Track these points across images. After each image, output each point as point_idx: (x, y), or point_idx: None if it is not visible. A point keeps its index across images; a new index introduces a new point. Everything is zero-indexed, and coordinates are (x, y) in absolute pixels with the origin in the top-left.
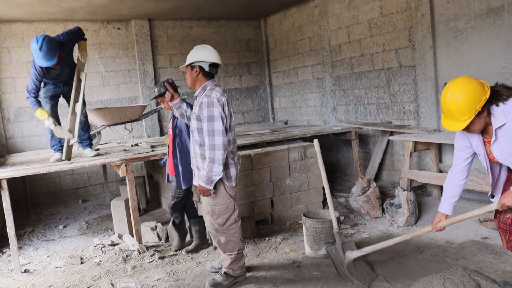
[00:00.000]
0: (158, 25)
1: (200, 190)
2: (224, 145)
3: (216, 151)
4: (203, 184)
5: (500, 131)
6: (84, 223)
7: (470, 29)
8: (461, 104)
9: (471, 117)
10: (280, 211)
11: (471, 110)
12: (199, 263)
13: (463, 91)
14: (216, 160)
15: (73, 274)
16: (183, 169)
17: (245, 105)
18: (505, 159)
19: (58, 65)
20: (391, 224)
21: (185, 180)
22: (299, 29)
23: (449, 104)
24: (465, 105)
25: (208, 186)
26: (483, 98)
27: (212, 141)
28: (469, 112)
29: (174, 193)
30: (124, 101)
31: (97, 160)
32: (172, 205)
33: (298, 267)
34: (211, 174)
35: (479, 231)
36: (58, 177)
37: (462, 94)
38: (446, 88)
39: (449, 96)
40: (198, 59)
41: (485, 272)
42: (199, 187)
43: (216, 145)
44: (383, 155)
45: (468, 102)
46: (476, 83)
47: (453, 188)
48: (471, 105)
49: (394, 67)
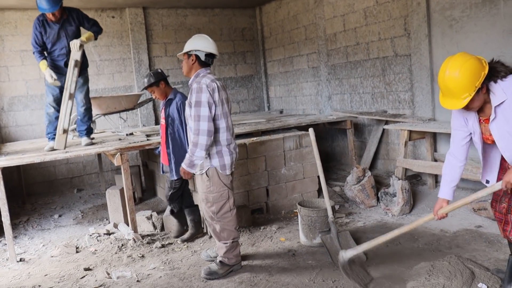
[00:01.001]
0: (152, 13)
1: (182, 172)
2: (209, 131)
3: (199, 136)
4: (185, 167)
5: (499, 109)
6: (79, 212)
7: (466, 18)
8: (460, 81)
9: (471, 94)
10: (276, 200)
11: (471, 87)
12: (195, 252)
13: (462, 68)
14: (199, 145)
15: (68, 263)
16: (176, 159)
17: (240, 94)
18: (504, 138)
19: (57, 25)
20: (386, 213)
21: (177, 170)
22: (295, 18)
23: (448, 82)
24: (465, 82)
25: (189, 169)
26: (482, 74)
27: (197, 126)
28: (469, 89)
29: (170, 184)
30: (119, 90)
31: (92, 149)
32: (169, 195)
33: (293, 256)
34: (192, 158)
35: (473, 219)
36: (53, 166)
37: (461, 71)
38: (444, 66)
39: (447, 74)
40: (195, 47)
41: (479, 260)
42: (181, 169)
43: (200, 130)
44: (378, 144)
45: (467, 79)
46: (474, 59)
47: (452, 171)
48: (471, 82)
49: (389, 56)
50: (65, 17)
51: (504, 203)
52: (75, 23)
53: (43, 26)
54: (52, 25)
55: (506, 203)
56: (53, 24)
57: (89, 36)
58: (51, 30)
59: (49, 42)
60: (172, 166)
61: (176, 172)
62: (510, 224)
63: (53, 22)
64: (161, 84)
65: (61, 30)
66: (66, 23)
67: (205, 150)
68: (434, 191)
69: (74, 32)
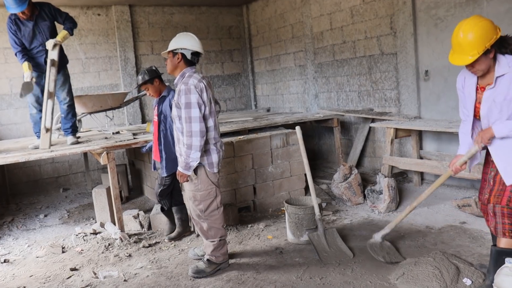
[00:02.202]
0: (139, 11)
1: (179, 175)
2: (201, 131)
3: (193, 138)
4: (181, 170)
5: (499, 80)
6: (65, 212)
7: (450, 17)
8: (472, 38)
9: (479, 52)
10: (263, 198)
11: (481, 45)
12: (182, 251)
13: (476, 26)
14: (193, 146)
15: (54, 263)
16: (167, 156)
17: (227, 92)
18: (489, 107)
19: (31, 22)
20: (373, 210)
21: (168, 167)
22: (281, 16)
23: (460, 38)
24: (476, 39)
25: (186, 172)
26: (494, 37)
27: (189, 128)
28: (478, 47)
29: (160, 180)
30: (105, 89)
31: (77, 148)
32: (159, 192)
33: (281, 254)
34: (188, 160)
35: (457, 216)
36: (38, 165)
37: (475, 29)
38: (459, 24)
39: (461, 30)
40: (181, 46)
41: (463, 256)
42: (178, 173)
43: (193, 131)
44: (364, 142)
45: (479, 37)
46: (489, 22)
47: (466, 127)
48: (481, 40)
49: (375, 55)
50: (37, 13)
51: (487, 194)
52: (48, 18)
53: (16, 24)
54: (26, 22)
55: (488, 194)
56: (27, 22)
57: (64, 35)
58: (25, 28)
59: (26, 40)
60: (163, 163)
61: (167, 169)
62: (489, 214)
63: (25, 20)
64: (155, 82)
65: (36, 27)
66: (39, 19)
67: (200, 151)
68: (420, 188)
69: (49, 27)
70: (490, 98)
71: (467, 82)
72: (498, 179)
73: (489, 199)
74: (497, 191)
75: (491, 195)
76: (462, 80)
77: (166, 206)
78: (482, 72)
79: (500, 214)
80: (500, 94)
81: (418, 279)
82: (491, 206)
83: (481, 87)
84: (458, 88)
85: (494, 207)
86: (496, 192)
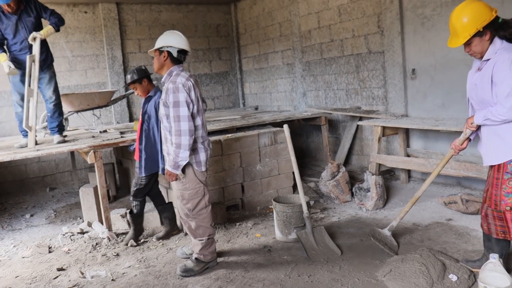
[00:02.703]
0: (126, 9)
1: (168, 174)
2: (190, 130)
3: (182, 137)
4: (170, 169)
5: (485, 64)
6: (52, 212)
7: (437, 16)
8: (464, 21)
9: (470, 34)
10: (251, 197)
11: (472, 27)
12: (170, 250)
13: (467, 8)
14: (182, 145)
15: (41, 263)
16: (147, 156)
17: (215, 90)
18: (471, 89)
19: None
20: (360, 208)
21: (147, 167)
22: (269, 15)
23: (453, 21)
24: (468, 21)
25: (175, 171)
26: (486, 19)
27: (178, 127)
28: (469, 29)
29: (136, 180)
30: (92, 87)
31: (64, 147)
32: (134, 192)
33: (269, 252)
34: (177, 159)
35: (443, 213)
36: (24, 165)
37: (465, 11)
38: (454, 11)
39: (455, 12)
40: (167, 44)
41: (449, 252)
42: (167, 172)
43: (181, 130)
44: (352, 140)
45: (471, 19)
46: (482, 4)
47: None
48: (472, 23)
49: (363, 53)
50: (22, 8)
51: (484, 192)
52: (33, 14)
53: (0, 18)
54: (10, 16)
55: (485, 193)
56: (10, 16)
57: (48, 29)
58: (8, 21)
59: (8, 34)
60: (142, 163)
61: (145, 170)
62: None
63: (10, 13)
64: (143, 81)
65: (19, 21)
66: (24, 14)
67: (189, 150)
68: (407, 186)
69: (33, 24)
70: (474, 81)
71: (474, 65)
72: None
73: (485, 200)
74: (490, 193)
75: (487, 196)
76: (473, 65)
77: (137, 209)
78: (480, 55)
79: (491, 216)
80: (482, 78)
81: (405, 275)
82: (485, 207)
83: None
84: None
85: (487, 209)
86: (490, 194)
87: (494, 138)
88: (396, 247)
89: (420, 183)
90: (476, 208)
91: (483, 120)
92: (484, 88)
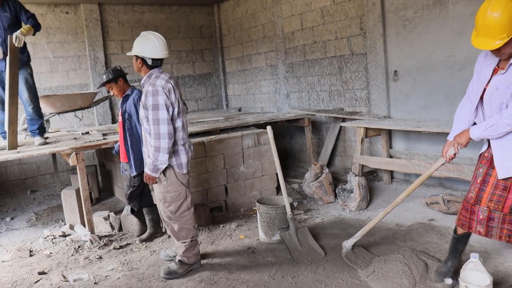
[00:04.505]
0: (108, 9)
1: (147, 177)
2: (169, 133)
3: (161, 140)
4: (149, 172)
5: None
6: (33, 215)
7: (418, 19)
8: (502, 20)
9: (509, 35)
10: (235, 198)
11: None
12: (153, 252)
13: (507, 7)
14: (161, 149)
15: (21, 267)
16: (134, 154)
17: (198, 92)
18: (492, 93)
19: None
20: (344, 209)
21: (136, 165)
22: (253, 16)
23: (488, 20)
24: (507, 21)
25: (154, 174)
26: None
27: (157, 130)
28: (509, 29)
29: (129, 182)
30: (74, 88)
31: (45, 149)
32: (128, 194)
33: (253, 253)
34: (156, 162)
35: (426, 213)
36: (4, 167)
37: (506, 10)
38: (485, 3)
39: (489, 11)
40: (141, 54)
41: (431, 252)
42: (145, 175)
43: (161, 133)
44: (335, 141)
45: (510, 19)
46: None
47: (462, 112)
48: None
49: (346, 55)
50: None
51: (473, 192)
52: (10, 11)
53: None
54: None
55: (475, 193)
56: None
57: (29, 28)
58: None
59: None
60: (131, 162)
61: (135, 167)
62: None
63: None
64: (119, 81)
65: None
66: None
67: (168, 153)
68: (390, 187)
69: (8, 19)
70: (496, 84)
71: (487, 61)
72: (492, 180)
73: (480, 201)
74: (493, 195)
75: (483, 197)
76: (482, 58)
77: (136, 207)
78: (508, 56)
79: (501, 220)
80: (505, 82)
81: (388, 276)
82: (484, 210)
83: (496, 69)
84: (475, 68)
85: (491, 213)
86: (493, 196)
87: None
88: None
89: (403, 184)
90: (457, 208)
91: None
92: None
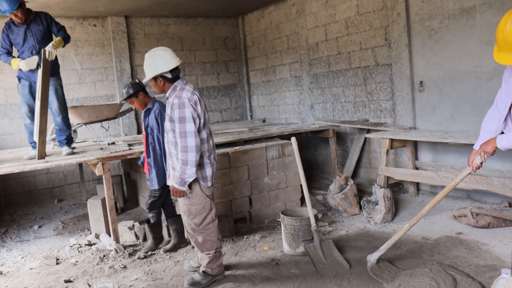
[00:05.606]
0: (135, 22)
1: (173, 191)
2: (196, 146)
3: (188, 153)
4: (176, 186)
5: None
6: (60, 223)
7: (444, 29)
8: None
9: None
10: (259, 209)
11: None
12: (177, 262)
13: None
14: (189, 162)
15: (48, 275)
16: (157, 169)
17: (223, 103)
18: None
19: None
20: (369, 221)
21: (159, 179)
22: (277, 27)
23: (508, 34)
24: None
25: (181, 188)
26: None
27: (184, 143)
28: None
29: (150, 193)
30: (101, 99)
31: (73, 159)
32: (149, 204)
33: (277, 265)
34: (184, 176)
35: (453, 226)
36: (33, 176)
37: None
38: (505, 18)
39: (508, 25)
40: (157, 72)
41: (460, 267)
42: (172, 188)
43: (188, 146)
44: (360, 152)
45: None
46: None
47: (490, 122)
48: None
49: (370, 66)
50: (32, 17)
51: None
52: (42, 24)
53: (10, 28)
54: (19, 26)
55: None
56: (20, 26)
57: (60, 41)
58: (18, 30)
59: (17, 43)
60: (152, 176)
61: (157, 182)
62: None
63: (19, 23)
64: (140, 95)
65: (28, 30)
66: (32, 24)
67: (196, 166)
68: (416, 199)
69: (41, 32)
70: None
71: None
72: None
73: None
74: None
75: None
76: (511, 67)
77: (154, 219)
78: None
79: None
80: None
81: None
82: None
83: None
84: (503, 77)
85: None
86: None
87: None
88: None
89: (429, 196)
90: (486, 221)
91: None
92: None
